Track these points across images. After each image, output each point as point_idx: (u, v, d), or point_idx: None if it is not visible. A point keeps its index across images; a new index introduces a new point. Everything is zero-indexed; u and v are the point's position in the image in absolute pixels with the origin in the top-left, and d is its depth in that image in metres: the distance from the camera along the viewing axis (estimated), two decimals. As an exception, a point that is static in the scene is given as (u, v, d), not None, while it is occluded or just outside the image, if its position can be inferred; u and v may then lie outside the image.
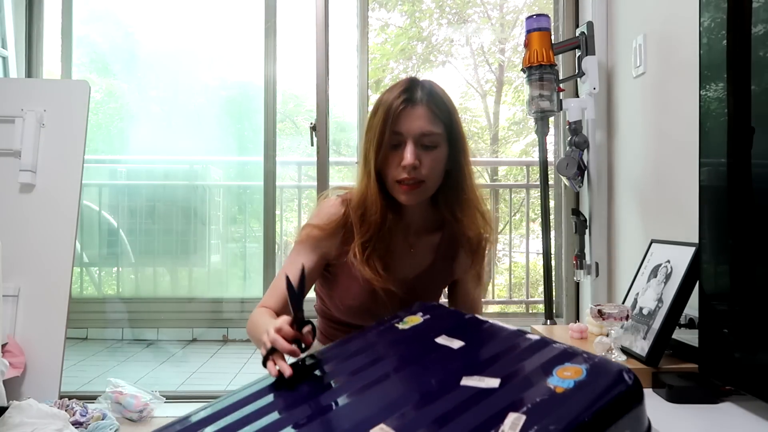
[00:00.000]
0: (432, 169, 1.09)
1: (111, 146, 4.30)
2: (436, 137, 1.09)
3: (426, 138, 1.08)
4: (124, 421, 2.25)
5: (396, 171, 1.09)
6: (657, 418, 1.18)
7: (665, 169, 1.98)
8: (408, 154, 1.06)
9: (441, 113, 1.09)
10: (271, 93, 3.33)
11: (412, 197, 1.11)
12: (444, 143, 1.10)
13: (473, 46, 6.11)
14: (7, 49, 2.83)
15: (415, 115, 1.07)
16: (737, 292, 1.22)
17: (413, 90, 1.09)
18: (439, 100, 1.09)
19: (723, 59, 1.24)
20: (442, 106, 1.09)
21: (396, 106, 1.08)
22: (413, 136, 1.07)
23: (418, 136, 1.07)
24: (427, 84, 1.12)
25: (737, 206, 1.21)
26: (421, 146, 1.08)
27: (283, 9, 3.28)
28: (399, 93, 1.09)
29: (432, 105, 1.08)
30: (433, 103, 1.08)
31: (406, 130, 1.07)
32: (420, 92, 1.09)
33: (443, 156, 1.10)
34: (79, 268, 3.89)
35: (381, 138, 1.08)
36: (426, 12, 6.06)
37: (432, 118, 1.08)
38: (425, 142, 1.08)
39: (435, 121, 1.08)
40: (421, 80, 1.13)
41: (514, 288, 4.81)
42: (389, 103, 1.08)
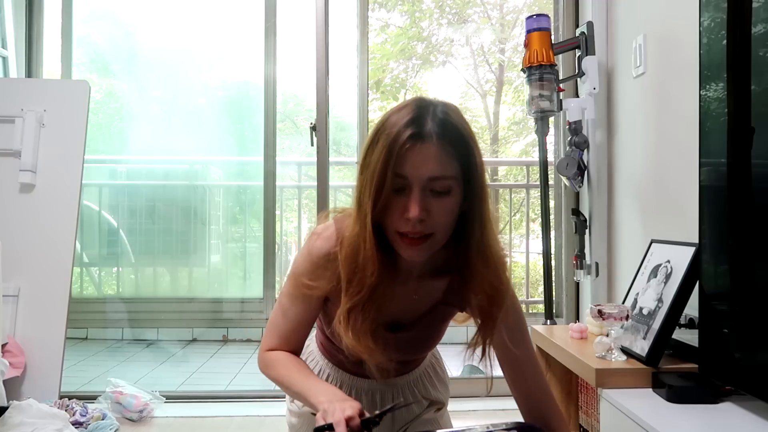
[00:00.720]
0: (442, 220, 0.88)
1: (111, 146, 4.30)
2: (448, 182, 0.87)
3: (437, 183, 0.86)
4: (124, 421, 2.25)
5: (398, 222, 0.88)
6: (657, 418, 1.19)
7: (665, 169, 1.98)
8: (414, 206, 0.85)
9: (456, 151, 0.87)
10: (271, 93, 3.33)
11: (417, 254, 0.91)
12: (458, 187, 0.88)
13: (473, 46, 6.11)
14: (7, 49, 2.83)
15: (424, 155, 0.85)
16: (737, 292, 1.22)
17: (422, 121, 0.86)
18: (455, 133, 0.87)
19: (723, 59, 1.24)
20: (458, 142, 0.87)
21: (401, 143, 0.85)
22: (421, 182, 0.86)
23: (427, 182, 0.86)
24: (441, 111, 0.88)
25: (737, 206, 1.21)
26: (430, 192, 0.87)
27: (283, 9, 3.28)
28: (405, 125, 0.85)
29: (446, 141, 0.86)
30: (447, 138, 0.86)
31: (411, 174, 0.85)
32: (431, 123, 0.86)
33: (456, 203, 0.89)
34: (79, 268, 3.89)
35: (381, 182, 0.86)
36: (426, 12, 6.06)
37: (445, 159, 0.86)
38: (436, 188, 0.86)
39: (448, 161, 0.86)
40: (432, 105, 0.89)
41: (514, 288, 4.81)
42: (393, 137, 0.85)
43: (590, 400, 1.81)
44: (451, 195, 0.88)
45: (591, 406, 1.80)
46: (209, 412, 2.37)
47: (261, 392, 2.59)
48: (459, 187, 0.89)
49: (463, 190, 0.90)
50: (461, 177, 0.88)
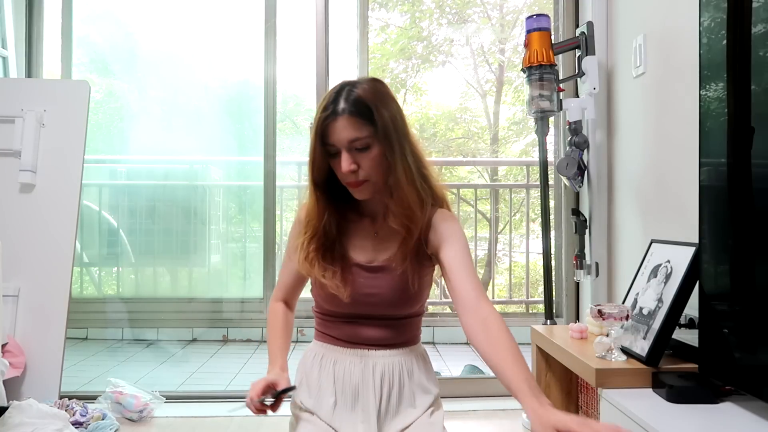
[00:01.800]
0: (371, 168, 1.18)
1: (111, 146, 4.30)
2: (364, 140, 1.16)
3: (356, 143, 1.16)
4: (124, 421, 2.25)
5: (342, 176, 1.20)
6: (657, 418, 1.19)
7: (665, 169, 1.98)
8: (343, 163, 1.17)
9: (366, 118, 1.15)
10: (271, 93, 3.33)
11: (361, 194, 1.21)
12: (377, 142, 1.17)
13: (473, 46, 6.11)
14: (7, 49, 2.83)
15: (340, 126, 1.15)
16: (737, 292, 1.22)
17: (336, 102, 1.16)
18: (361, 104, 1.15)
19: (723, 59, 1.24)
20: (365, 111, 1.15)
21: (322, 121, 1.17)
22: (344, 145, 1.16)
23: (348, 144, 1.16)
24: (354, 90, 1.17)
25: (737, 206, 1.21)
26: (355, 150, 1.16)
27: (283, 9, 3.28)
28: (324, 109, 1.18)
29: (354, 112, 1.15)
30: (356, 109, 1.15)
31: (336, 141, 1.17)
32: (342, 103, 1.16)
33: (379, 153, 1.17)
34: (79, 268, 3.89)
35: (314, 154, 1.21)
36: (426, 12, 6.06)
37: (356, 125, 1.15)
38: (357, 146, 1.16)
39: (360, 126, 1.15)
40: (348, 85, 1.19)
41: (514, 288, 4.82)
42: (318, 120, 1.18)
43: (590, 400, 1.81)
44: (371, 149, 1.17)
45: (591, 406, 1.80)
46: (209, 412, 2.37)
47: (261, 392, 2.59)
48: (378, 142, 1.17)
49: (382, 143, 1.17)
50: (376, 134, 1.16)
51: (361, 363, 1.24)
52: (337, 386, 1.25)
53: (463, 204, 4.96)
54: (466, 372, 2.87)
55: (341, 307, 1.25)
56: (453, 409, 2.38)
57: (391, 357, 1.26)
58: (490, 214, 5.06)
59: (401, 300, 1.25)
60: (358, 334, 1.25)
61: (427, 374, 1.30)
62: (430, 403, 1.27)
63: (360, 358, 1.25)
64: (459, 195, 4.65)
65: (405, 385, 1.25)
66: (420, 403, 1.26)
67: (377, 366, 1.24)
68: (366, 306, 1.24)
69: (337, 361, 1.27)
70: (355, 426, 1.23)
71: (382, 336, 1.25)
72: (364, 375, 1.24)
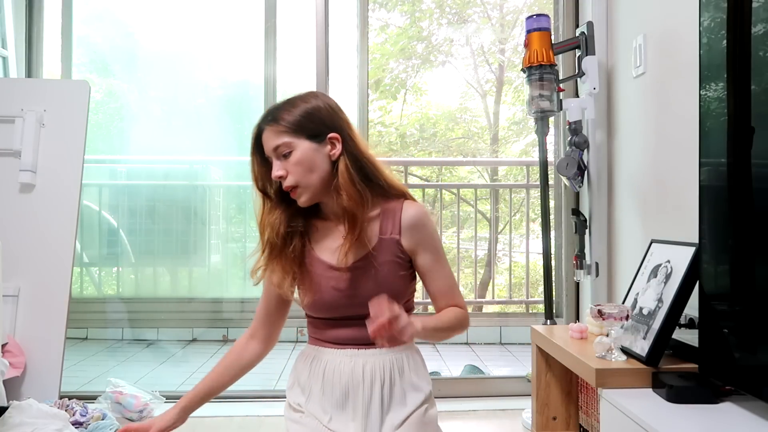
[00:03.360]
0: (294, 173, 1.23)
1: (111, 146, 4.30)
2: (285, 146, 1.22)
3: (279, 150, 1.23)
4: (124, 421, 2.25)
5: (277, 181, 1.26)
6: (657, 418, 1.19)
7: (665, 169, 1.98)
8: (273, 170, 1.24)
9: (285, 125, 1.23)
10: (271, 93, 3.33)
11: (299, 199, 1.26)
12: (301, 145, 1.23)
13: (473, 46, 6.11)
14: (7, 49, 2.83)
15: (265, 137, 1.25)
16: (737, 292, 1.22)
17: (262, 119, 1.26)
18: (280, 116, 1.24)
19: (723, 59, 1.24)
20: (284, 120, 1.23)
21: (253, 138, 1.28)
22: (272, 154, 1.24)
23: (274, 152, 1.24)
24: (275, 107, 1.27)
25: (737, 206, 1.21)
26: (282, 157, 1.23)
27: (283, 9, 3.28)
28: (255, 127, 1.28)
29: (272, 123, 1.24)
30: (274, 121, 1.24)
31: (267, 152, 1.25)
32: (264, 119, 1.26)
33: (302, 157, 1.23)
34: (79, 268, 3.89)
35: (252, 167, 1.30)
36: (426, 12, 6.06)
37: (276, 133, 1.23)
38: (282, 153, 1.23)
39: (280, 134, 1.23)
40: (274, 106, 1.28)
41: (514, 288, 4.82)
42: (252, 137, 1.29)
43: (590, 400, 1.81)
44: (294, 152, 1.22)
45: (591, 406, 1.80)
46: (209, 412, 2.37)
47: (261, 392, 2.59)
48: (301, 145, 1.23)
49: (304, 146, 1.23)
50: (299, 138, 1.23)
51: (351, 363, 1.26)
52: (326, 387, 1.26)
53: (463, 204, 4.96)
54: (466, 372, 2.87)
55: (324, 311, 1.28)
56: (453, 409, 2.38)
57: (381, 355, 1.26)
58: (490, 214, 5.06)
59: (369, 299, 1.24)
60: (346, 335, 1.27)
61: (419, 372, 1.31)
62: (421, 401, 1.27)
63: (350, 358, 1.26)
64: (459, 195, 4.66)
65: (396, 383, 1.26)
66: (411, 401, 1.26)
67: (367, 365, 1.25)
68: (348, 307, 1.26)
69: (327, 362, 1.28)
70: (346, 425, 1.24)
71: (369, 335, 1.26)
72: (353, 375, 1.25)
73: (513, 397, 2.48)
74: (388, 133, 6.16)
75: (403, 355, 1.29)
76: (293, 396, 1.33)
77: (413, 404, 1.26)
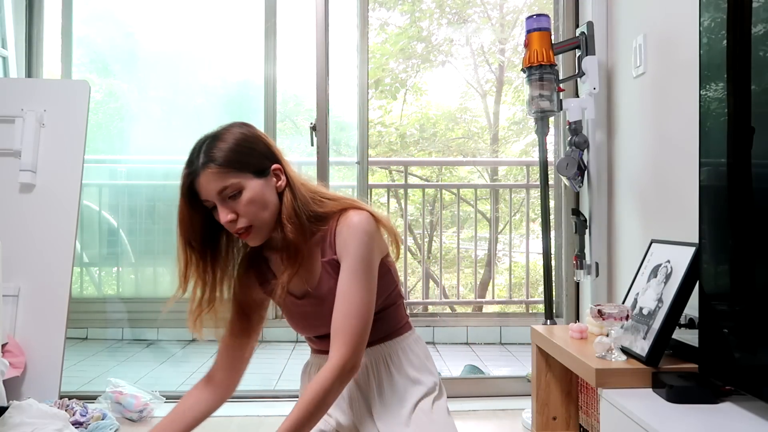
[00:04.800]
0: (250, 212, 1.13)
1: (111, 146, 4.30)
2: (232, 187, 1.12)
3: (225, 192, 1.12)
4: (124, 421, 2.25)
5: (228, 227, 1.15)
6: (657, 418, 1.19)
7: (665, 169, 1.98)
8: (221, 215, 1.13)
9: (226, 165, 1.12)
10: (271, 93, 3.33)
11: (252, 241, 1.18)
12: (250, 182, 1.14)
13: (473, 46, 6.11)
14: (7, 49, 2.83)
15: (204, 181, 1.12)
16: (737, 292, 1.22)
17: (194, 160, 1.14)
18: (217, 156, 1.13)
19: (723, 59, 1.24)
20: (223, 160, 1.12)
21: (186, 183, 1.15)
22: (215, 197, 1.13)
23: (218, 195, 1.13)
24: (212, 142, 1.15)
25: (737, 206, 1.21)
26: (229, 199, 1.13)
27: (283, 9, 3.28)
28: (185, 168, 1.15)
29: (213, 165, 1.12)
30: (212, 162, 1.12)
31: (206, 196, 1.14)
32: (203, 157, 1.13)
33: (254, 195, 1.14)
34: (79, 268, 3.89)
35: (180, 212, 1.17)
36: (426, 12, 6.06)
37: (218, 175, 1.12)
38: (228, 194, 1.13)
39: (223, 175, 1.12)
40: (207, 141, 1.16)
41: (514, 288, 4.81)
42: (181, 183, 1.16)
43: (590, 400, 1.81)
44: (244, 192, 1.13)
45: (591, 406, 1.80)
46: (209, 412, 2.37)
47: (261, 392, 2.59)
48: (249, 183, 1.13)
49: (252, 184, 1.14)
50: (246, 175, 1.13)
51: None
52: None
53: (463, 204, 4.96)
54: (466, 372, 2.86)
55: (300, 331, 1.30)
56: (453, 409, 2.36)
57: (373, 354, 1.26)
58: (490, 214, 5.06)
59: None
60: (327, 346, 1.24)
61: (419, 365, 1.29)
62: (423, 394, 1.26)
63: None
64: (459, 195, 4.66)
65: (394, 377, 1.25)
66: (411, 395, 1.25)
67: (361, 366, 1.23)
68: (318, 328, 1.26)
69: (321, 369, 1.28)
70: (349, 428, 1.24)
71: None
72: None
73: (513, 397, 2.47)
74: (388, 133, 6.15)
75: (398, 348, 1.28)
76: None
77: (414, 398, 1.25)
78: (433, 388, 1.29)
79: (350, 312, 1.14)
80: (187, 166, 1.15)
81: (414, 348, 1.31)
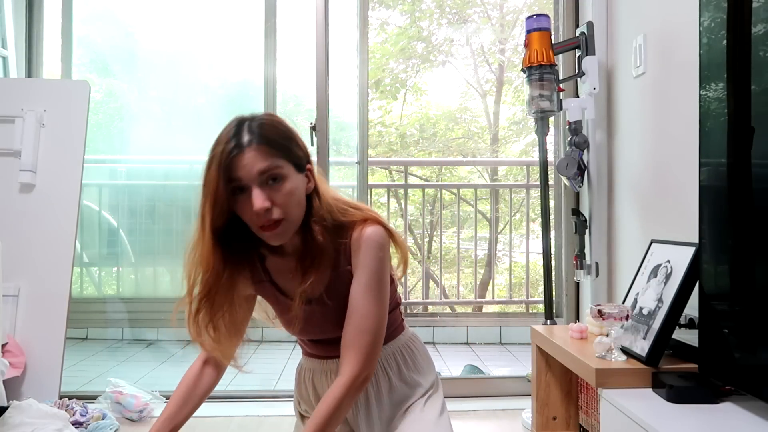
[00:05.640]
0: (287, 204, 1.05)
1: (111, 146, 4.30)
2: (277, 170, 1.04)
3: (268, 174, 1.03)
4: (124, 421, 2.25)
5: (253, 218, 1.05)
6: (657, 418, 1.19)
7: (665, 169, 1.98)
8: (256, 199, 1.02)
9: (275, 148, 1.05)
10: (271, 93, 3.33)
11: (277, 238, 1.08)
12: (292, 172, 1.06)
13: (473, 46, 6.11)
14: (7, 49, 2.83)
15: (248, 157, 1.03)
16: (737, 292, 1.22)
17: (240, 135, 1.05)
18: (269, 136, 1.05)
19: (723, 59, 1.24)
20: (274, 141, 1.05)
21: (225, 156, 1.04)
22: (254, 178, 1.03)
23: (259, 176, 1.03)
24: (256, 123, 1.06)
25: (737, 206, 1.21)
26: (267, 184, 1.04)
27: (283, 9, 3.28)
28: (227, 141, 1.05)
29: (263, 142, 1.04)
30: (263, 140, 1.04)
31: (244, 176, 1.03)
32: (247, 135, 1.04)
33: (294, 187, 1.06)
34: (79, 268, 3.89)
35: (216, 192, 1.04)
36: (426, 12, 6.06)
37: (267, 155, 1.03)
38: (269, 178, 1.04)
39: (270, 156, 1.04)
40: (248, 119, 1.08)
41: (514, 288, 4.81)
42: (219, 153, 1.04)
43: (590, 400, 1.81)
44: (286, 180, 1.05)
45: (591, 406, 1.80)
46: (209, 412, 2.37)
47: (261, 392, 2.59)
48: (291, 173, 1.06)
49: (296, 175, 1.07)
50: (289, 164, 1.06)
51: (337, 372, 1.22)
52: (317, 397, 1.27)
53: (463, 204, 4.96)
54: (466, 372, 2.86)
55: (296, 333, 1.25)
56: (453, 409, 2.37)
57: None
58: (490, 214, 5.06)
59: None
60: (327, 350, 1.24)
61: (419, 368, 1.29)
62: (419, 396, 1.27)
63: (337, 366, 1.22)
64: (459, 195, 4.66)
65: (392, 381, 1.25)
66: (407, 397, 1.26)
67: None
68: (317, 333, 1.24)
69: (315, 373, 1.29)
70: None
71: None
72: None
73: (513, 397, 2.47)
74: (388, 133, 6.15)
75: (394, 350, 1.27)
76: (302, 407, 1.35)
77: (410, 401, 1.26)
78: (430, 386, 1.29)
79: (363, 327, 1.11)
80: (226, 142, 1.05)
81: (410, 347, 1.31)
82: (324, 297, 1.17)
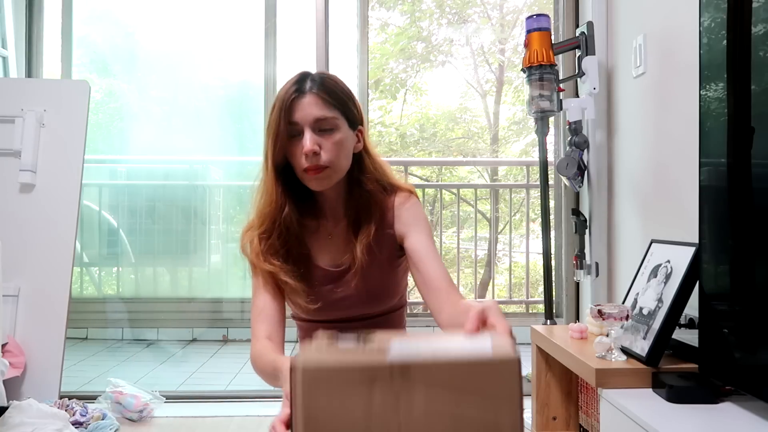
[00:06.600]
0: (333, 152, 1.11)
1: (111, 146, 4.30)
2: (331, 121, 1.11)
3: (322, 123, 1.10)
4: (124, 421, 2.25)
5: (300, 161, 1.11)
6: (657, 418, 1.19)
7: (665, 169, 1.98)
8: (307, 142, 1.09)
9: (334, 100, 1.12)
10: (271, 93, 3.33)
11: (319, 183, 1.13)
12: (343, 126, 1.13)
13: (473, 46, 6.11)
14: (7, 49, 2.83)
15: (307, 102, 1.10)
16: (737, 292, 1.22)
17: (303, 82, 1.12)
18: (330, 87, 1.12)
19: (723, 59, 1.24)
20: (334, 93, 1.12)
21: (288, 97, 1.11)
22: (309, 123, 1.10)
23: (314, 122, 1.10)
24: (318, 75, 1.15)
25: (737, 206, 1.21)
26: (319, 132, 1.10)
27: (283, 9, 3.28)
28: (289, 87, 1.12)
29: (323, 92, 1.11)
30: (324, 90, 1.11)
31: (301, 119, 1.10)
32: (309, 82, 1.12)
33: (344, 138, 1.13)
34: (79, 268, 3.89)
35: (277, 130, 1.11)
36: (426, 12, 6.06)
37: (324, 104, 1.10)
38: (323, 126, 1.10)
39: (328, 106, 1.11)
40: (312, 73, 1.15)
41: (514, 288, 4.82)
42: (281, 97, 1.12)
43: (590, 400, 1.81)
44: (337, 131, 1.11)
45: (591, 406, 1.80)
46: (209, 412, 2.37)
47: (261, 392, 2.59)
48: (343, 126, 1.13)
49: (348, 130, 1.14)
50: (343, 118, 1.13)
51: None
52: None
53: (463, 204, 4.96)
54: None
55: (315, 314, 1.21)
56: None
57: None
58: (490, 214, 5.06)
59: (375, 297, 1.22)
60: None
61: None
62: None
63: None
64: (459, 195, 4.66)
65: None
66: None
67: None
68: (339, 310, 1.21)
69: None
70: None
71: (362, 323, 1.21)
72: None
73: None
74: (388, 133, 6.16)
75: None
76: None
77: None
78: None
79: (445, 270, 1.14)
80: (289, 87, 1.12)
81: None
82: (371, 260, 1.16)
